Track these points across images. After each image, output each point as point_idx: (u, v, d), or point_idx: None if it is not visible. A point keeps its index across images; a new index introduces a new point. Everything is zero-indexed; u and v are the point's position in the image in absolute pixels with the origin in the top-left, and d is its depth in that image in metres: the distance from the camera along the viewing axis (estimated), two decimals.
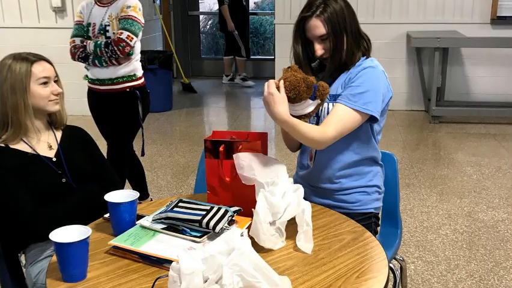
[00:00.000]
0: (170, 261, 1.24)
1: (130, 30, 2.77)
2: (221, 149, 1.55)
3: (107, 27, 2.81)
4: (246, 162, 1.49)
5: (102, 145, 2.51)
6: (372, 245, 1.45)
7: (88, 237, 1.27)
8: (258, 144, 1.53)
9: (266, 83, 1.57)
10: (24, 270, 1.78)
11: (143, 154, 3.21)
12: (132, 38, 2.78)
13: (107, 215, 1.56)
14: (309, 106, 1.60)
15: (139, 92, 2.93)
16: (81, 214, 1.67)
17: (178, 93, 6.66)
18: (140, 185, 3.21)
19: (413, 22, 5.54)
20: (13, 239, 1.73)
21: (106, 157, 2.33)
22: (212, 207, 1.46)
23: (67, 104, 1.88)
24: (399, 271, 1.98)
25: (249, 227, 1.43)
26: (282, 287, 1.16)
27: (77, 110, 4.86)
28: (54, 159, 1.77)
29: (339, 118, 1.68)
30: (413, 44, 5.23)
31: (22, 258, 1.82)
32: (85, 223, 1.46)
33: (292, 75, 1.55)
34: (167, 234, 1.42)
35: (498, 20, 5.43)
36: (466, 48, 5.51)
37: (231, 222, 1.44)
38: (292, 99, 1.56)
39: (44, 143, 1.78)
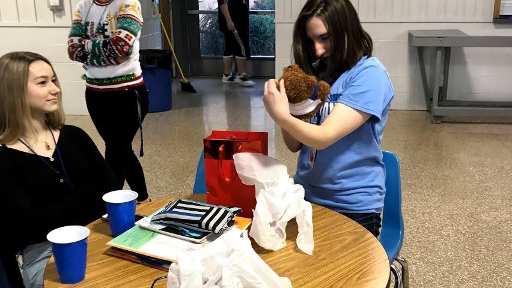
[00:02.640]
0: (169, 262, 1.23)
1: (129, 29, 2.76)
2: (221, 149, 1.54)
3: (106, 26, 2.79)
4: (245, 163, 1.48)
5: (100, 145, 2.49)
6: (374, 246, 1.44)
7: (86, 238, 1.26)
8: (258, 144, 1.52)
9: (266, 82, 1.55)
10: (21, 271, 1.77)
11: (142, 154, 3.19)
12: (131, 37, 2.76)
13: (105, 216, 1.55)
14: (310, 106, 1.59)
15: (138, 92, 2.91)
16: (79, 215, 1.67)
17: (177, 93, 6.65)
18: (139, 185, 3.20)
19: (414, 21, 5.52)
20: (10, 239, 1.72)
21: (104, 157, 2.32)
22: (211, 208, 1.45)
23: (64, 103, 1.87)
24: (400, 272, 1.97)
25: (249, 228, 1.41)
26: None
27: (75, 109, 4.85)
28: (52, 159, 1.76)
29: (340, 118, 1.67)
30: (415, 43, 5.21)
31: (19, 259, 1.81)
32: (83, 224, 1.45)
33: (292, 75, 1.53)
34: (166, 235, 1.40)
35: (501, 19, 5.41)
36: (468, 47, 5.50)
37: (230, 222, 1.43)
38: (293, 99, 1.55)
39: (42, 143, 1.77)
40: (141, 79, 2.97)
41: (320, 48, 1.73)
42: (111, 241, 1.39)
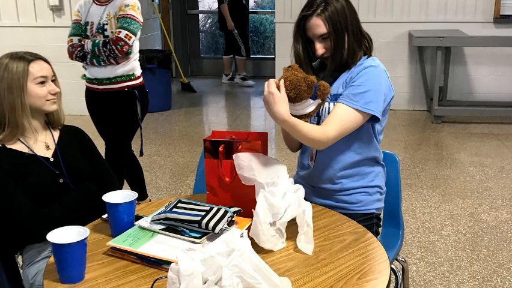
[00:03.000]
0: (169, 263, 1.22)
1: (129, 29, 2.75)
2: (220, 149, 1.53)
3: (106, 26, 2.79)
4: (245, 163, 1.48)
5: (100, 145, 2.49)
6: (374, 246, 1.43)
7: (85, 238, 1.25)
8: (258, 144, 1.51)
9: (266, 82, 1.55)
10: (21, 271, 1.77)
11: (141, 154, 3.19)
12: (131, 37, 2.76)
13: (105, 216, 1.54)
14: (310, 106, 1.58)
15: (138, 92, 2.91)
16: (79, 215, 1.67)
17: (177, 93, 6.65)
18: (138, 185, 3.19)
19: (415, 21, 5.52)
20: (10, 239, 1.72)
21: (104, 157, 2.31)
22: (211, 208, 1.45)
23: (64, 103, 1.86)
24: (401, 272, 1.97)
25: (249, 228, 1.41)
26: None
27: (75, 109, 4.85)
28: (51, 159, 1.75)
29: (340, 118, 1.66)
30: (415, 43, 5.21)
31: (19, 259, 1.81)
32: (83, 224, 1.45)
33: (292, 75, 1.53)
34: (166, 235, 1.40)
35: (501, 19, 5.41)
36: (468, 47, 5.49)
37: (230, 223, 1.43)
38: (293, 99, 1.54)
39: (42, 143, 1.76)
40: (141, 79, 2.97)
41: (320, 48, 1.73)
42: (111, 241, 1.38)
